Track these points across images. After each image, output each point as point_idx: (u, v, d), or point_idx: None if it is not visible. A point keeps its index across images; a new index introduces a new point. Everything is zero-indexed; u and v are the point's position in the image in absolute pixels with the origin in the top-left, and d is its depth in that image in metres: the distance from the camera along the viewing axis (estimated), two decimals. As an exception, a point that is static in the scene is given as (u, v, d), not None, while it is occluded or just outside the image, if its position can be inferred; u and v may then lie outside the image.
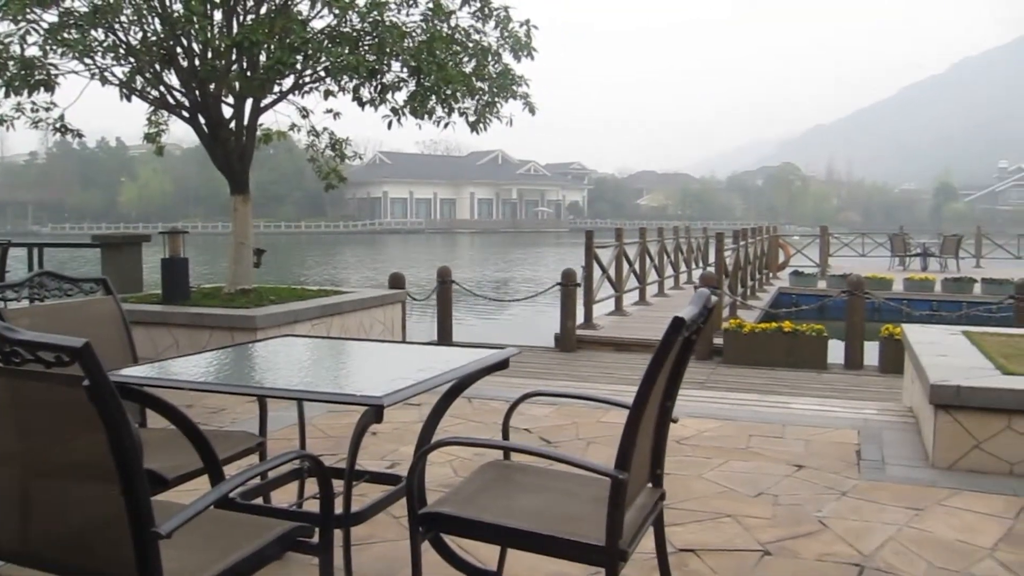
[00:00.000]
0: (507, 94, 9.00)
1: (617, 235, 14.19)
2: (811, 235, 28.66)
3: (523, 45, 8.81)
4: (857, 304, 10.17)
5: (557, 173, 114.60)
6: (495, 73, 8.93)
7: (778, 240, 24.64)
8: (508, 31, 8.81)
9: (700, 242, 21.97)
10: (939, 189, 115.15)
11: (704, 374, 9.00)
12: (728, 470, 4.53)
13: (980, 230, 29.49)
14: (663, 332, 2.10)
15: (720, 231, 14.40)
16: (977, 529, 3.72)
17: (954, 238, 24.87)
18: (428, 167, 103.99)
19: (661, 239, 17.77)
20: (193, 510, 1.86)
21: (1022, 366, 5.04)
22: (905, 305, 12.68)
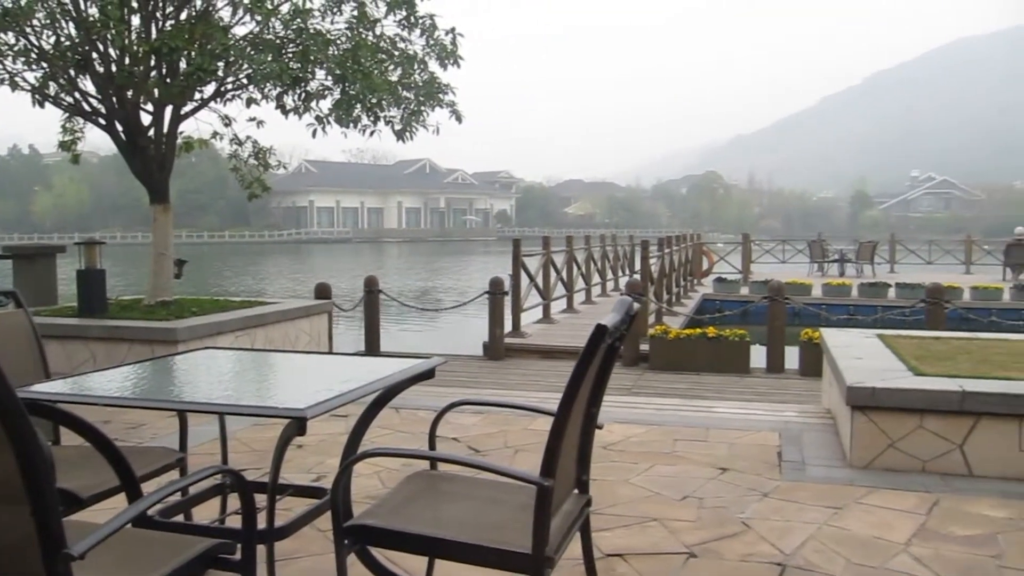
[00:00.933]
0: (433, 102, 9.00)
1: (544, 243, 14.28)
2: (734, 242, 29.28)
3: (449, 53, 8.82)
4: (778, 309, 10.42)
5: (485, 182, 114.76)
6: (421, 81, 8.92)
7: (702, 247, 25.10)
8: (434, 39, 8.81)
9: (626, 250, 22.24)
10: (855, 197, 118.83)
11: (631, 380, 9.11)
12: (654, 474, 4.59)
13: (894, 236, 30.52)
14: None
15: (646, 239, 14.61)
16: (892, 525, 3.84)
17: (869, 244, 25.71)
18: (355, 176, 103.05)
19: (588, 247, 17.94)
20: (108, 529, 1.80)
21: (933, 367, 5.24)
22: (824, 310, 13.06)
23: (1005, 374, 5.06)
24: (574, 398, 2.12)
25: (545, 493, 2.12)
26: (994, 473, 4.57)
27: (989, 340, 6.63)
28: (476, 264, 47.18)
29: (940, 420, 4.64)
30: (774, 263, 29.16)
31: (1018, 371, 5.16)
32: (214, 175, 78.42)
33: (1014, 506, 4.10)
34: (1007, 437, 4.56)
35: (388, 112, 8.84)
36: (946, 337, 6.81)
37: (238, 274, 41.05)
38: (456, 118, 9.09)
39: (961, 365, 5.35)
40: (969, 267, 27.82)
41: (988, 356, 5.74)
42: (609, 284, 19.84)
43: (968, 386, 4.68)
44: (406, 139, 8.98)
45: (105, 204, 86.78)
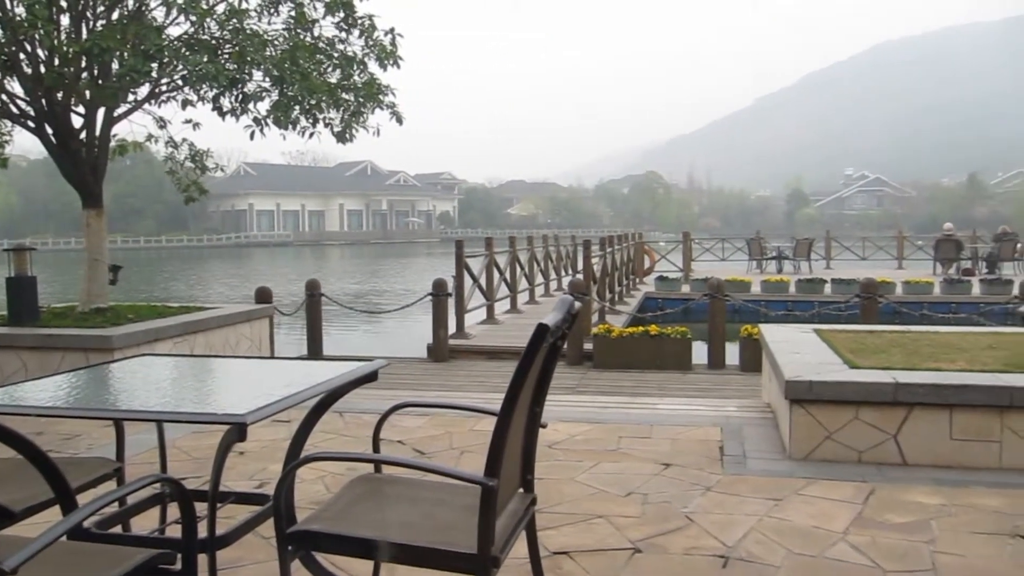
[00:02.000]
0: (374, 104, 8.94)
1: (487, 244, 14.28)
2: (675, 241, 29.67)
3: (388, 54, 8.77)
4: (718, 306, 10.58)
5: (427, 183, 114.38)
6: (361, 83, 8.85)
7: (643, 246, 25.37)
8: (373, 40, 8.75)
9: (569, 249, 22.36)
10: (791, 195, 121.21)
11: (575, 379, 9.17)
12: (599, 472, 4.63)
13: (829, 234, 31.23)
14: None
15: (588, 238, 14.70)
16: (830, 515, 3.93)
17: (806, 241, 26.27)
18: (295, 178, 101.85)
19: (531, 247, 18.00)
20: (40, 543, 1.76)
21: (867, 360, 5.37)
22: (763, 306, 13.28)
23: (936, 365, 5.22)
24: (516, 398, 2.13)
25: (489, 493, 2.12)
26: (927, 461, 4.71)
27: (920, 333, 6.82)
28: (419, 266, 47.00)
29: (875, 411, 4.77)
30: (714, 261, 29.60)
31: (948, 362, 5.33)
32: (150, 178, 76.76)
33: (946, 493, 4.23)
34: (938, 426, 4.71)
35: (327, 114, 8.75)
36: (880, 331, 6.99)
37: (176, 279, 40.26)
38: (397, 119, 9.05)
39: (894, 357, 5.50)
40: (901, 262, 28.59)
41: (919, 348, 5.92)
42: (552, 284, 19.93)
43: (901, 378, 4.81)
44: (347, 141, 8.92)
45: (36, 209, 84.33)
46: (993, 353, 5.66)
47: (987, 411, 4.67)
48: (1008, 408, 4.64)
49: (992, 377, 4.84)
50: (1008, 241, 23.72)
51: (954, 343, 6.16)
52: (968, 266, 23.45)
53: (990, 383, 4.71)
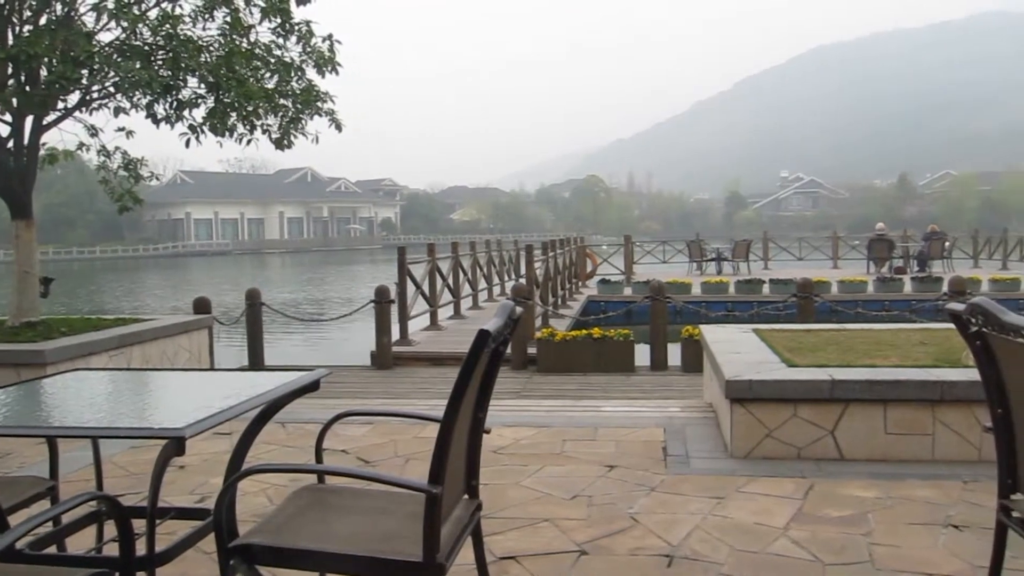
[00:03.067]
0: (312, 110, 8.85)
1: (429, 250, 14.25)
2: (616, 244, 29.92)
3: (327, 60, 8.69)
4: (659, 308, 10.71)
5: (368, 190, 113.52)
6: (299, 89, 8.76)
7: (585, 250, 25.54)
8: (311, 46, 8.67)
9: (512, 254, 22.42)
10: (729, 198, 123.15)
11: (520, 383, 9.19)
12: (544, 475, 4.65)
13: (767, 235, 31.84)
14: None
15: (530, 243, 14.76)
16: (772, 511, 4.00)
17: (744, 243, 26.73)
18: (233, 186, 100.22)
19: (474, 253, 18.00)
20: (-30, 566, 1.70)
21: (804, 358, 5.49)
22: (703, 307, 13.48)
23: (870, 362, 5.35)
24: (459, 404, 2.13)
25: (434, 500, 2.11)
26: (863, 456, 4.82)
27: (855, 330, 6.99)
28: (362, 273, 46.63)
29: (812, 408, 4.87)
30: (655, 263, 29.92)
31: (882, 358, 5.47)
32: (82, 188, 74.86)
33: (881, 486, 4.34)
34: (873, 421, 4.83)
35: (265, 120, 8.64)
36: (816, 329, 7.15)
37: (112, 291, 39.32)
38: (336, 126, 8.96)
39: (830, 355, 5.63)
40: (836, 262, 29.27)
41: (854, 345, 6.06)
42: (496, 289, 19.96)
43: (837, 375, 4.93)
44: (285, 148, 8.81)
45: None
46: (924, 349, 5.83)
47: (919, 405, 4.81)
48: (939, 402, 4.78)
49: (923, 372, 4.98)
50: (937, 240, 24.43)
51: (887, 340, 6.32)
52: (900, 265, 24.09)
53: (922, 378, 4.85)
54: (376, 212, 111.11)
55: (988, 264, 27.61)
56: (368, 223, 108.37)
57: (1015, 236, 29.55)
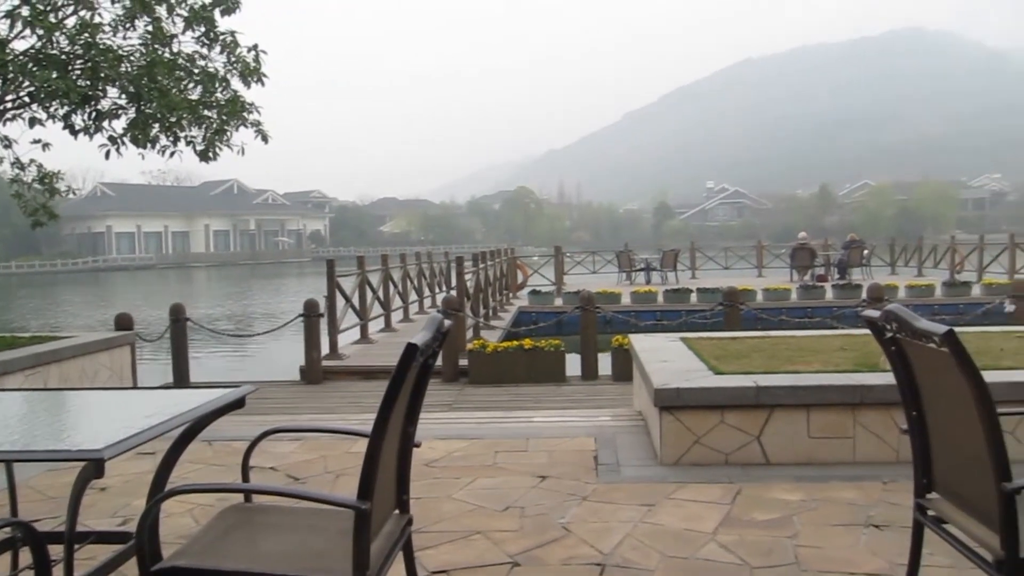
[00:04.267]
0: (238, 121, 8.72)
1: (359, 263, 14.13)
2: (547, 255, 30.09)
3: (252, 71, 8.59)
4: (589, 318, 10.80)
5: (297, 202, 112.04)
6: (224, 100, 8.62)
7: (516, 261, 25.62)
8: (236, 56, 8.55)
9: (442, 266, 22.37)
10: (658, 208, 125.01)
11: (452, 395, 9.16)
12: (476, 487, 4.64)
13: (694, 244, 32.35)
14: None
15: (461, 255, 14.75)
16: (701, 517, 4.07)
17: (672, 252, 27.11)
18: (157, 198, 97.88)
19: (404, 265, 17.91)
20: None
21: (730, 366, 5.60)
22: (633, 317, 13.63)
23: (793, 368, 5.49)
24: (387, 419, 2.11)
25: (363, 516, 2.10)
26: (787, 460, 4.94)
27: (779, 337, 7.16)
28: (291, 286, 45.96)
29: (739, 414, 4.97)
30: (586, 274, 30.14)
31: (804, 364, 5.61)
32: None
33: (805, 488, 4.45)
34: (796, 425, 4.95)
35: (189, 132, 8.49)
36: (742, 337, 7.30)
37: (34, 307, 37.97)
38: (262, 138, 8.85)
39: (755, 362, 5.75)
40: (761, 270, 29.91)
41: (778, 352, 6.21)
42: (427, 301, 19.89)
43: (761, 381, 5.04)
44: (209, 160, 8.66)
45: None
46: (845, 354, 5.99)
47: (841, 409, 4.95)
48: (859, 405, 4.93)
49: (844, 377, 5.13)
50: (856, 248, 25.16)
51: (809, 346, 6.49)
52: (821, 272, 24.74)
53: (843, 383, 5.00)
54: (305, 224, 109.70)
55: (904, 271, 28.57)
56: (297, 236, 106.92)
57: (929, 244, 30.63)
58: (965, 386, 2.21)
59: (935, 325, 2.28)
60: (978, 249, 26.01)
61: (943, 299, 18.75)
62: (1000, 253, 24.83)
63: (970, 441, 2.30)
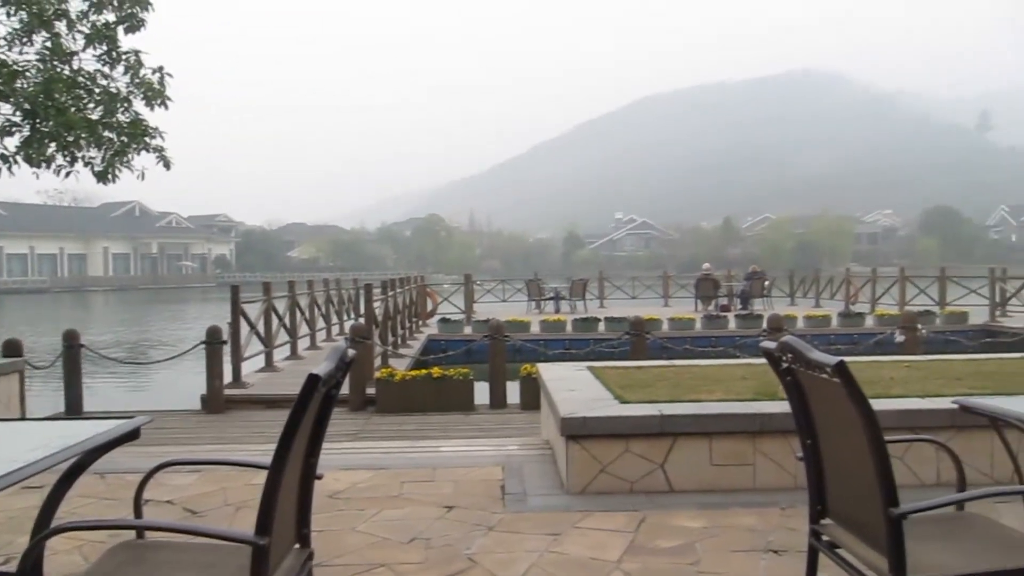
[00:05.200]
0: (139, 145, 8.49)
1: (265, 289, 13.87)
2: (457, 283, 30.07)
3: (156, 93, 8.39)
4: (498, 347, 10.82)
5: (202, 225, 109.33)
6: (125, 122, 8.39)
7: (426, 289, 25.54)
8: (139, 77, 8.34)
9: (351, 293, 22.12)
10: (567, 238, 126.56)
11: (358, 425, 9.03)
12: (382, 519, 4.57)
13: (602, 274, 32.83)
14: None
15: (370, 282, 14.62)
16: (606, 545, 4.10)
17: (581, 282, 27.45)
18: (52, 219, 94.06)
19: (312, 291, 17.65)
20: None
21: (636, 394, 5.68)
22: (541, 345, 13.72)
23: (696, 397, 5.60)
24: (288, 451, 2.07)
25: (260, 552, 2.04)
26: (691, 487, 5.03)
27: (684, 366, 7.31)
28: (194, 312, 44.70)
29: (644, 443, 5.04)
30: (495, 302, 30.23)
31: (707, 393, 5.74)
32: None
33: (708, 515, 4.53)
34: (699, 453, 5.05)
35: (87, 152, 8.22)
36: (647, 366, 7.42)
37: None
38: (164, 164, 8.62)
39: (660, 391, 5.85)
40: (667, 300, 30.51)
41: (682, 381, 6.33)
42: (335, 328, 19.62)
43: (666, 410, 5.13)
44: (108, 181, 8.40)
45: None
46: (746, 383, 6.15)
47: (742, 437, 5.07)
48: (759, 433, 5.06)
49: (745, 405, 5.26)
50: (757, 279, 25.95)
51: (713, 375, 6.64)
52: (725, 303, 25.41)
53: (744, 411, 5.13)
54: (210, 249, 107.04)
55: (803, 302, 29.57)
56: (201, 260, 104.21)
57: (826, 276, 31.83)
58: (855, 415, 2.29)
59: (827, 356, 2.37)
60: (871, 281, 27.18)
61: (839, 329, 19.49)
62: (891, 285, 25.98)
63: (860, 468, 2.38)
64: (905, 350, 12.39)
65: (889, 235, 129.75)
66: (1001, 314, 21.36)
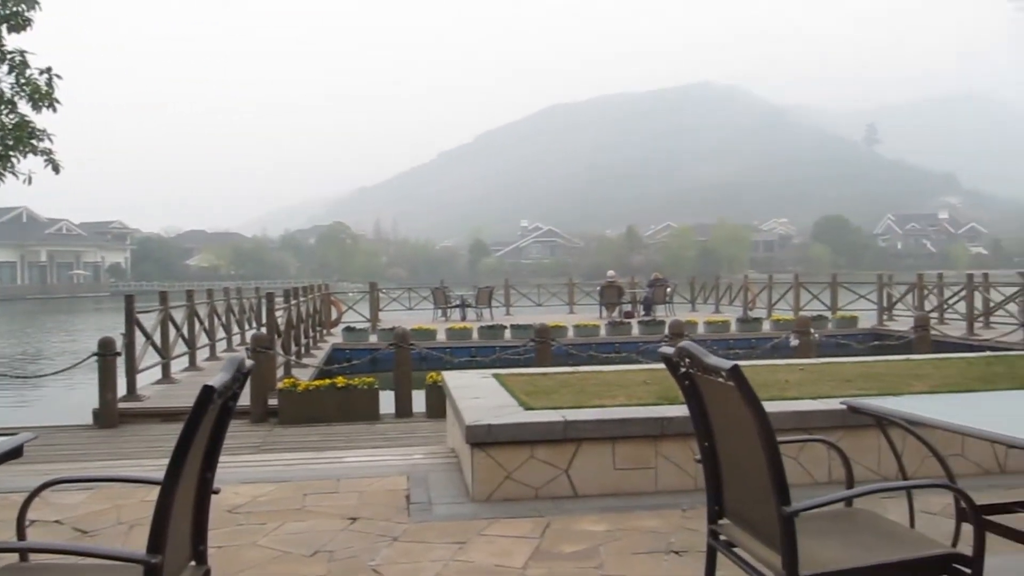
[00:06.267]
0: (25, 148, 8.12)
1: (162, 298, 13.44)
2: (363, 291, 29.74)
3: (44, 95, 8.06)
4: (404, 355, 10.75)
5: (95, 232, 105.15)
6: (10, 124, 8.02)
7: (330, 297, 25.18)
8: (25, 78, 7.99)
9: (253, 302, 21.64)
10: (474, 246, 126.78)
11: (260, 437, 8.83)
12: (283, 532, 4.48)
13: (508, 282, 32.99)
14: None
15: (272, 291, 14.33)
16: (511, 552, 4.11)
17: (487, 290, 27.50)
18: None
19: (211, 301, 17.18)
20: None
21: (540, 401, 5.72)
22: (447, 353, 13.70)
23: (600, 402, 5.67)
24: (181, 465, 2.01)
25: (153, 571, 1.97)
26: (595, 491, 5.09)
27: (588, 372, 7.40)
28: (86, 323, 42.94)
29: (548, 449, 5.08)
30: (401, 310, 30.01)
31: (610, 399, 5.82)
32: None
33: (611, 519, 4.59)
34: (603, 458, 5.12)
35: (-33, 156, 7.82)
36: (552, 372, 7.49)
37: None
38: (53, 168, 8.27)
39: (564, 397, 5.91)
40: (572, 307, 30.86)
41: (586, 387, 6.41)
42: (236, 338, 19.16)
43: (570, 416, 5.18)
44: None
45: None
46: (648, 388, 6.27)
47: (643, 441, 5.16)
48: (661, 437, 5.16)
49: (647, 410, 5.36)
50: (660, 286, 26.50)
51: (615, 380, 6.74)
52: (628, 309, 25.84)
53: (645, 415, 5.22)
54: (103, 257, 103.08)
55: (704, 308, 30.34)
56: (94, 269, 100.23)
57: (725, 282, 32.73)
58: (749, 417, 2.36)
59: (722, 360, 2.43)
60: (768, 288, 28.08)
61: (737, 334, 20.06)
62: (787, 291, 26.90)
63: (755, 469, 2.45)
64: (799, 353, 12.84)
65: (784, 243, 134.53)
66: (888, 318, 22.35)
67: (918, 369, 7.15)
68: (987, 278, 21.45)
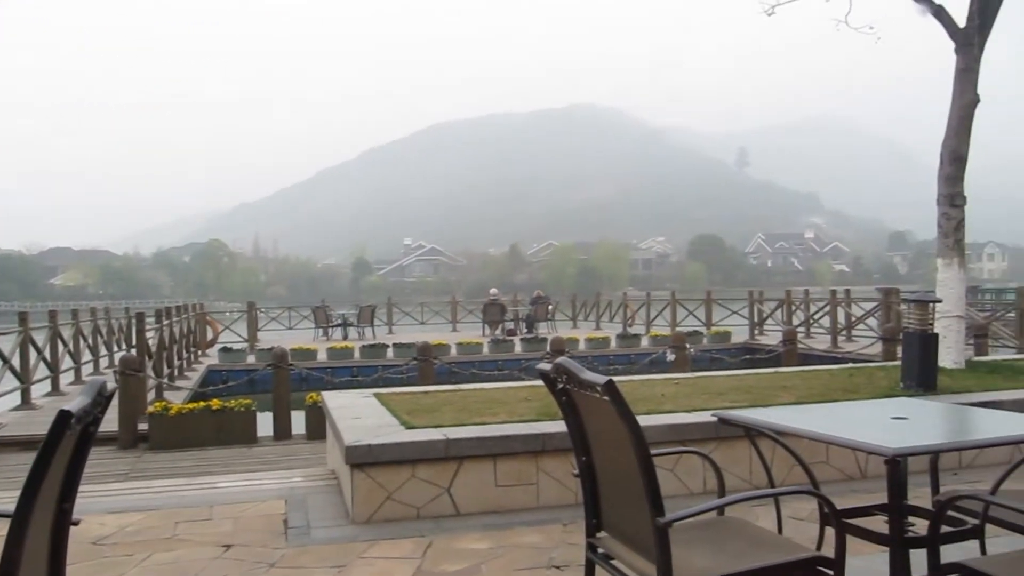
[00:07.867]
0: None
1: (21, 319, 12.71)
2: (240, 311, 28.91)
3: None
4: (282, 376, 10.51)
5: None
6: None
7: (206, 317, 24.39)
8: None
9: (123, 323, 20.72)
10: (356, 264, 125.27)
11: (128, 463, 8.44)
12: (152, 564, 4.28)
13: (391, 300, 32.71)
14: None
15: (143, 311, 13.77)
16: (392, 573, 4.06)
17: (369, 308, 27.21)
18: None
19: (77, 321, 16.35)
20: None
21: (422, 420, 5.68)
22: (328, 373, 13.47)
23: (481, 420, 5.68)
24: (35, 496, 1.89)
25: (2, 609, 1.84)
26: (477, 509, 5.08)
27: (470, 390, 7.40)
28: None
29: (430, 468, 5.05)
30: (281, 330, 29.33)
31: (491, 416, 5.83)
32: None
33: (493, 536, 4.60)
34: (484, 475, 5.12)
35: None
36: (434, 391, 7.45)
37: None
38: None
39: (446, 415, 5.89)
40: (455, 325, 30.86)
41: (468, 405, 6.40)
42: (103, 361, 18.29)
43: (451, 434, 5.16)
44: None
45: None
46: (529, 404, 6.31)
47: (525, 457, 5.19)
48: (541, 452, 5.20)
49: (528, 426, 5.40)
50: (542, 303, 26.82)
51: (497, 398, 6.76)
52: (511, 327, 26.04)
53: (526, 432, 5.26)
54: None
55: (585, 324, 30.87)
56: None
57: (605, 299, 33.42)
58: (624, 430, 2.41)
59: (597, 376, 2.48)
60: (646, 304, 28.85)
61: (617, 350, 20.49)
62: (664, 308, 27.68)
63: (630, 482, 2.50)
64: (676, 368, 13.21)
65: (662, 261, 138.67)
66: (759, 333, 23.29)
67: (786, 381, 7.47)
68: (849, 294, 22.70)
